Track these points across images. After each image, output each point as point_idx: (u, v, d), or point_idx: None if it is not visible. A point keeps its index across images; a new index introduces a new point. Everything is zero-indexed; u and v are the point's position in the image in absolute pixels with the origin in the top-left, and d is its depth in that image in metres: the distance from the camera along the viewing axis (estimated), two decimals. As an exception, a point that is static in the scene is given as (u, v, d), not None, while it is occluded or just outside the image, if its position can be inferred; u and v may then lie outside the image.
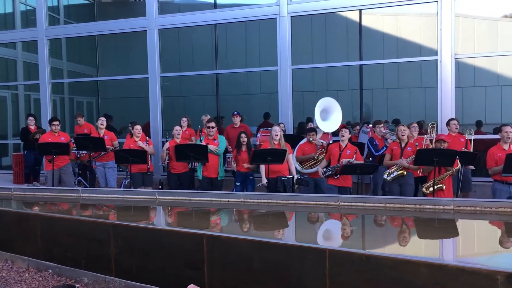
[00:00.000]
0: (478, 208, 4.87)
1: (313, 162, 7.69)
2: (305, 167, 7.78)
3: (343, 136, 7.15)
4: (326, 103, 8.30)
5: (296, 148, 7.92)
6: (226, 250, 4.02)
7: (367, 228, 5.07)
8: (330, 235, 4.72)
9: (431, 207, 5.08)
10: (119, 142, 9.05)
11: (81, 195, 6.54)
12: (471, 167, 7.65)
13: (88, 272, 4.75)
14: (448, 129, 7.99)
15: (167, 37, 11.39)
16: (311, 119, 10.17)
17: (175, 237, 4.42)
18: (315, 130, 7.92)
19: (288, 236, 4.72)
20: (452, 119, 8.15)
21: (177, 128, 8.25)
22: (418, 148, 6.63)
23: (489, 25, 10.25)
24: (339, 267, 3.53)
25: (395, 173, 6.88)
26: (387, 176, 6.94)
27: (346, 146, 7.14)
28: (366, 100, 10.77)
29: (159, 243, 4.39)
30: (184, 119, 9.03)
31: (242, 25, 10.95)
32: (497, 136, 7.18)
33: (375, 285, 3.35)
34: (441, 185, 6.45)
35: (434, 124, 8.26)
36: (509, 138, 6.59)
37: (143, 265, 4.47)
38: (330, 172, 7.00)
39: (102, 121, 8.67)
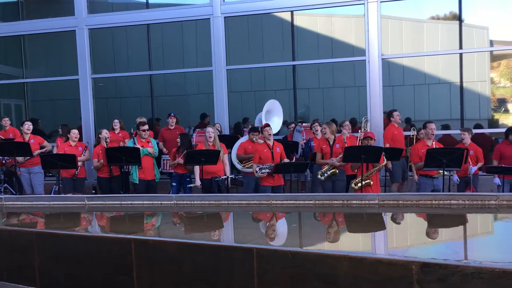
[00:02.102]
0: (400, 202, 5.10)
1: (255, 161, 7.75)
2: (245, 166, 7.83)
3: (269, 134, 7.21)
4: (272, 105, 8.49)
5: (237, 147, 7.94)
6: (154, 253, 3.98)
7: (297, 226, 5.18)
8: (261, 234, 4.78)
9: (357, 202, 5.27)
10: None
11: (4, 203, 6.21)
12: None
13: (10, 284, 4.53)
14: (392, 121, 8.33)
15: (100, 37, 11.07)
16: (248, 119, 10.27)
17: (103, 243, 4.31)
18: (258, 130, 7.99)
19: (219, 236, 4.73)
20: (394, 110, 8.49)
21: (105, 131, 8.05)
22: (346, 146, 6.84)
23: (416, 26, 10.76)
24: (267, 265, 3.58)
25: (328, 172, 7.07)
26: (321, 175, 7.10)
27: (273, 144, 7.23)
28: (303, 100, 11.00)
29: (86, 250, 4.27)
30: (116, 121, 8.82)
31: (178, 25, 10.85)
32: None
33: (301, 280, 3.44)
34: (368, 180, 6.70)
35: (367, 118, 8.60)
36: (433, 134, 6.95)
37: (70, 273, 4.33)
38: (267, 170, 7.05)
39: (28, 126, 8.29)
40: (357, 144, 7.14)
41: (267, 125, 7.39)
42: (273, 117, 8.49)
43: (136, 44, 11.30)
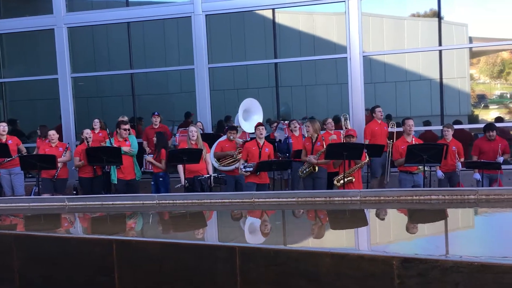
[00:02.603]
0: (382, 198, 5.15)
1: (231, 160, 7.73)
2: (222, 164, 7.81)
3: (261, 133, 7.25)
4: (249, 103, 8.46)
5: (215, 145, 7.93)
6: (136, 254, 3.95)
7: (280, 223, 5.19)
8: (244, 232, 4.78)
9: (339, 198, 5.30)
10: (27, 147, 8.57)
11: (-17, 205, 6.10)
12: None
13: (-11, 287, 4.45)
14: (374, 116, 8.39)
15: (80, 35, 10.93)
16: (230, 117, 10.25)
17: (84, 244, 4.26)
18: (236, 128, 7.99)
19: (201, 235, 4.71)
20: (377, 106, 8.55)
21: (87, 131, 7.96)
22: (329, 143, 6.89)
23: (397, 24, 10.85)
24: (250, 264, 3.58)
25: (306, 170, 7.14)
26: (301, 173, 7.17)
27: (264, 143, 7.24)
28: (285, 98, 11.02)
29: (66, 252, 4.21)
30: (96, 121, 8.70)
31: (160, 23, 10.76)
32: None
33: (284, 278, 3.44)
34: (351, 177, 6.75)
35: (346, 116, 8.65)
36: (412, 130, 7.02)
37: (50, 275, 4.26)
38: (250, 169, 7.07)
39: (4, 127, 8.13)
40: (344, 140, 7.20)
41: (260, 124, 7.41)
42: (252, 115, 8.46)
43: (117, 42, 11.18)
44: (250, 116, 8.41)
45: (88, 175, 7.65)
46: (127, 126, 7.72)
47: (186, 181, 6.98)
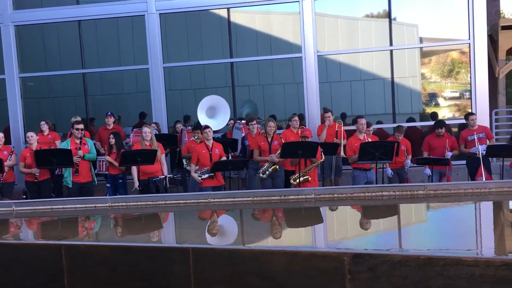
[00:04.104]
0: (335, 195, 5.22)
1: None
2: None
3: (208, 136, 7.14)
4: (213, 101, 8.40)
5: (182, 146, 7.92)
6: (86, 258, 3.84)
7: (236, 223, 5.18)
8: (199, 233, 4.73)
9: (294, 197, 5.33)
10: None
11: None
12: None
13: None
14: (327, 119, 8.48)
15: (29, 33, 10.55)
16: (189, 117, 10.15)
17: (32, 250, 4.11)
18: (200, 128, 7.88)
19: (155, 237, 4.63)
20: (327, 110, 8.61)
21: (31, 134, 7.66)
22: (283, 142, 6.92)
23: (350, 24, 11.03)
24: (203, 264, 3.55)
25: (270, 170, 7.11)
26: (262, 174, 7.12)
27: (213, 145, 7.16)
28: (243, 97, 11.01)
29: (13, 258, 4.05)
30: (43, 122, 8.39)
31: (114, 21, 10.53)
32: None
33: (238, 278, 3.43)
34: (307, 176, 6.81)
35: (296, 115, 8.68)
36: (364, 128, 7.17)
37: (-4, 283, 4.09)
38: (206, 175, 6.98)
39: None
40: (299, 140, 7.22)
41: (207, 126, 7.32)
42: (218, 112, 8.39)
43: (69, 41, 10.85)
44: (217, 114, 8.34)
45: (34, 179, 7.34)
46: (80, 126, 7.48)
47: (139, 185, 6.85)
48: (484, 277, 2.70)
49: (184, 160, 8.03)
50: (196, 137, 7.70)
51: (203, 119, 8.27)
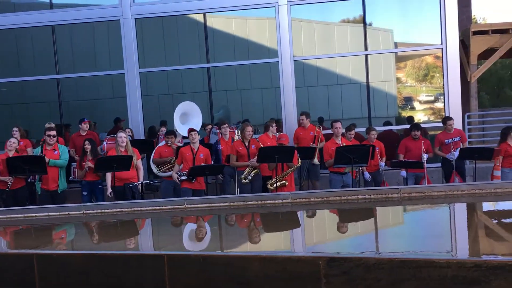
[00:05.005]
0: (312, 199, 5.24)
1: (170, 165, 7.60)
2: (161, 170, 7.67)
3: (194, 139, 7.14)
4: (188, 107, 8.34)
5: (154, 151, 7.81)
6: (59, 267, 3.77)
7: (212, 228, 5.15)
8: (173, 239, 4.69)
9: (271, 201, 5.34)
10: None
11: None
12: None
13: None
14: (301, 123, 8.50)
15: (1, 38, 10.34)
16: (165, 123, 10.06)
17: (3, 260, 4.02)
18: (174, 133, 7.85)
19: (130, 245, 4.57)
20: (302, 113, 8.62)
21: (13, 140, 7.47)
22: (260, 146, 6.91)
23: (326, 29, 11.11)
24: (178, 271, 3.52)
25: (252, 174, 7.07)
26: (244, 179, 7.06)
27: (198, 149, 7.14)
28: (221, 102, 10.96)
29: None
30: (15, 129, 8.16)
31: (89, 26, 10.38)
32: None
33: (214, 283, 3.41)
34: (284, 181, 6.82)
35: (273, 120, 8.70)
36: (339, 133, 7.22)
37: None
38: (184, 177, 6.94)
39: None
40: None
41: (192, 129, 7.30)
42: (191, 119, 8.36)
43: (43, 46, 10.66)
44: (189, 120, 8.30)
45: (4, 187, 7.13)
46: (53, 132, 7.32)
47: (111, 192, 6.76)
48: (456, 279, 2.74)
49: (153, 166, 7.83)
50: (169, 142, 7.66)
51: (177, 125, 8.22)
